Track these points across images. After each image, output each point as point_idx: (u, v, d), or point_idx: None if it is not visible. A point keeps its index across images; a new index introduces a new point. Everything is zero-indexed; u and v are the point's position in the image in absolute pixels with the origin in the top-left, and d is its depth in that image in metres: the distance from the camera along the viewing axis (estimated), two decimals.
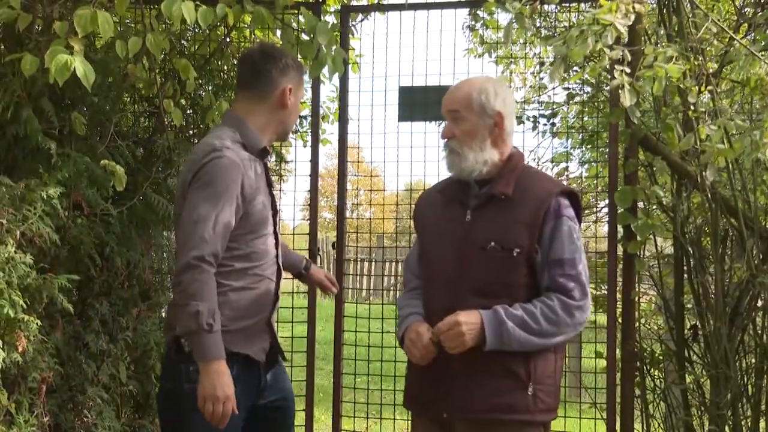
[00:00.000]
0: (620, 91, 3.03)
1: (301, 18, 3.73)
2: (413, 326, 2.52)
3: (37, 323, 3.13)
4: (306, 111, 4.62)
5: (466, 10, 4.60)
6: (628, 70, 3.02)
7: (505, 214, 2.47)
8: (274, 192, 2.84)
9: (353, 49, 4.46)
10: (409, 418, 3.10)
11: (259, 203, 2.69)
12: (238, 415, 2.58)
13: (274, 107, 2.77)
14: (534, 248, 2.44)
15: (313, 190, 4.18)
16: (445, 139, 2.56)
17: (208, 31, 4.18)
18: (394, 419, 4.79)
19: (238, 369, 2.61)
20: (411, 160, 4.35)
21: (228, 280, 2.64)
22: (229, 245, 2.62)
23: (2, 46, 3.90)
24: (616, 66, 3.04)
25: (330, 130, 5.06)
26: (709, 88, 3.47)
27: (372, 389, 4.39)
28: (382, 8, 4.31)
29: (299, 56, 3.64)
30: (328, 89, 6.39)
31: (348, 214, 4.72)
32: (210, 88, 4.30)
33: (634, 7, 2.89)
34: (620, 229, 3.78)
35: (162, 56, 3.78)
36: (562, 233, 2.44)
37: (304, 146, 4.63)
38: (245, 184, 2.62)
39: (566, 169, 5.17)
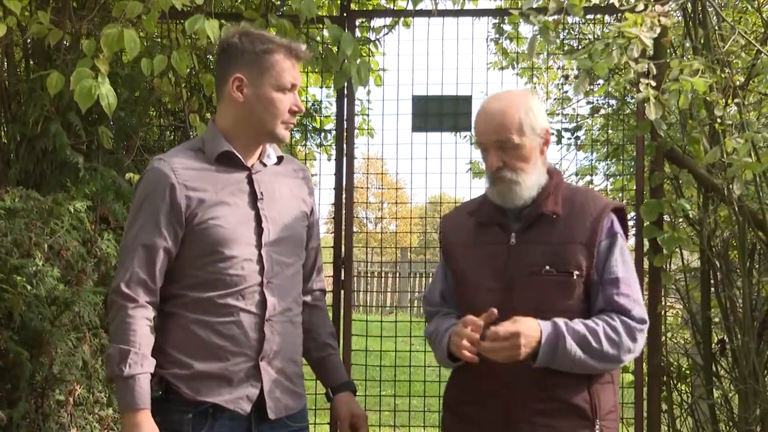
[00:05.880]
0: (646, 105, 3.01)
1: (324, 32, 3.74)
2: (455, 329, 2.25)
3: (64, 336, 3.16)
4: (330, 125, 4.61)
5: (484, 19, 4.54)
6: (653, 84, 3.00)
7: (558, 234, 2.29)
8: (261, 205, 2.33)
9: (376, 62, 4.46)
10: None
11: (219, 219, 2.25)
12: None
13: (229, 104, 2.34)
14: (592, 269, 2.27)
15: (338, 204, 4.15)
16: (493, 169, 2.30)
17: None
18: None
19: (210, 421, 2.23)
20: (426, 172, 4.16)
21: (188, 311, 2.26)
22: (181, 270, 2.27)
23: (32, 62, 3.96)
24: (641, 79, 3.02)
25: (357, 142, 5.06)
26: (736, 100, 3.44)
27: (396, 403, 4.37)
28: (406, 14, 4.24)
29: (322, 69, 3.64)
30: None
31: (371, 227, 4.70)
32: None
33: (659, 21, 2.87)
34: (646, 242, 3.76)
35: (188, 71, 3.83)
36: (615, 251, 2.28)
37: (329, 160, 4.63)
38: (181, 196, 2.23)
39: (591, 182, 5.14)
